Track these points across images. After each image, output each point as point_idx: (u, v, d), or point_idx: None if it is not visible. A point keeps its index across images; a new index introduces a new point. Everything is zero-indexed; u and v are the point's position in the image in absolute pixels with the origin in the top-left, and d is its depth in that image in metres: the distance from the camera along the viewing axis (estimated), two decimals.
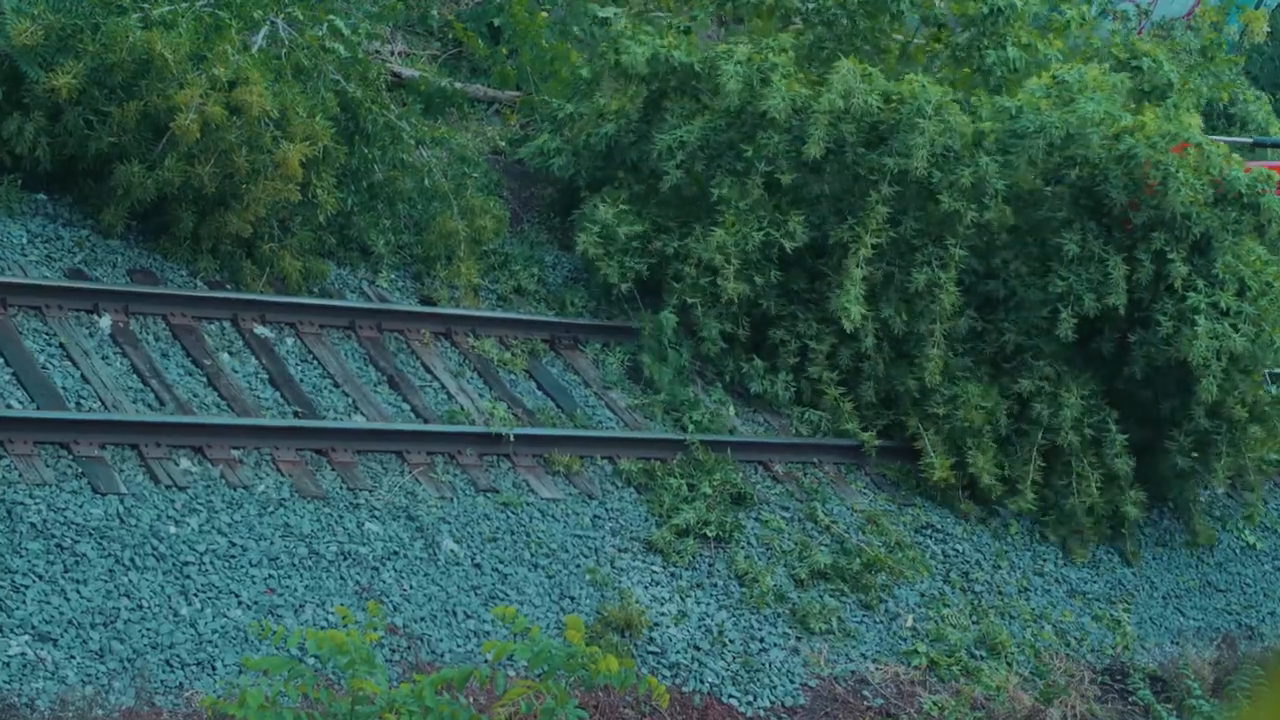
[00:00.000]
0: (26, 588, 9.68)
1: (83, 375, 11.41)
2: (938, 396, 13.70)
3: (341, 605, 9.02)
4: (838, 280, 13.67)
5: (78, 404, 11.15)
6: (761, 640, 11.70)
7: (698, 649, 11.40)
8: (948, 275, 13.63)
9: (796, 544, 12.60)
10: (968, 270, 13.95)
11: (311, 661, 9.18)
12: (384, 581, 10.80)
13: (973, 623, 12.67)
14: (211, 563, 10.34)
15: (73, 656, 9.41)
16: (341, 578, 10.67)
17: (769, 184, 13.89)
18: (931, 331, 13.64)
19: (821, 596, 12.25)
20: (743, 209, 13.77)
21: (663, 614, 11.52)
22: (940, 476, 13.51)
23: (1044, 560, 13.65)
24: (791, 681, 11.51)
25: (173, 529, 10.44)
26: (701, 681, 11.19)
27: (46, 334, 11.63)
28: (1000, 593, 13.12)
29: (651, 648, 11.22)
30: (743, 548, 12.39)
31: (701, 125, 14.16)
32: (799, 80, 13.88)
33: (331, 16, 13.90)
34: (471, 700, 9.68)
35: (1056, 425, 13.58)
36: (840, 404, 13.83)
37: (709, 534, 12.32)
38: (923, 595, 12.72)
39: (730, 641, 11.56)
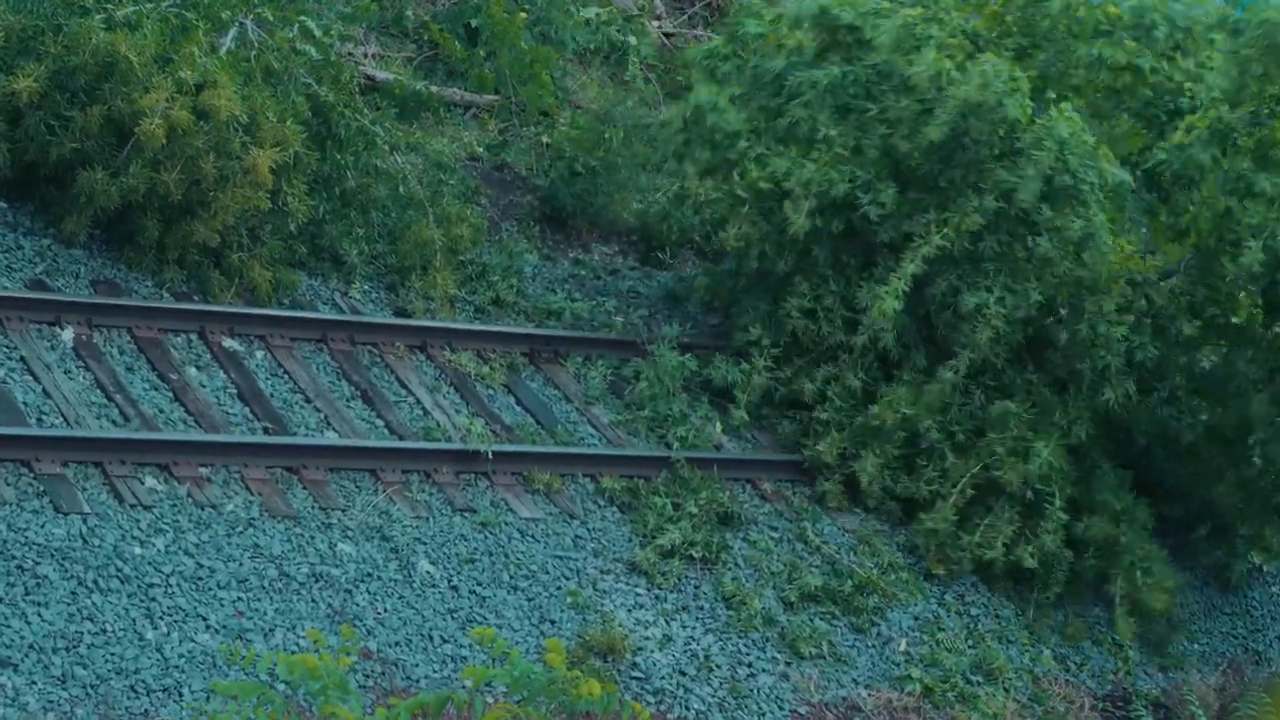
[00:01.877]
0: None
1: (44, 390, 11.45)
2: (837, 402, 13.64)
3: (313, 629, 9.07)
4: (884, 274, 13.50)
5: (39, 420, 11.19)
6: (749, 665, 11.75)
7: (683, 674, 11.44)
8: (997, 309, 13.35)
9: (786, 565, 12.65)
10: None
11: (282, 687, 9.22)
12: (357, 604, 10.84)
13: (969, 647, 12.71)
14: (178, 585, 10.38)
15: (34, 682, 9.44)
16: (313, 600, 10.72)
17: (885, 150, 13.79)
18: (955, 356, 13.44)
19: (812, 620, 12.30)
20: (841, 152, 13.72)
21: (647, 638, 11.56)
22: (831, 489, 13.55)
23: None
24: (781, 708, 11.56)
25: (138, 550, 10.48)
26: (687, 708, 11.24)
27: (6, 347, 11.67)
28: (997, 615, 13.17)
29: (635, 673, 11.27)
30: (730, 569, 12.43)
31: (842, 72, 13.98)
32: (953, 60, 13.60)
33: (302, 17, 13.96)
34: None
35: (1004, 465, 13.27)
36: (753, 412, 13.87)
37: (695, 555, 12.37)
38: (917, 618, 12.76)
39: (717, 666, 11.61)
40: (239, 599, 10.48)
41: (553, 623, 11.35)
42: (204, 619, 10.24)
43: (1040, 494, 13.29)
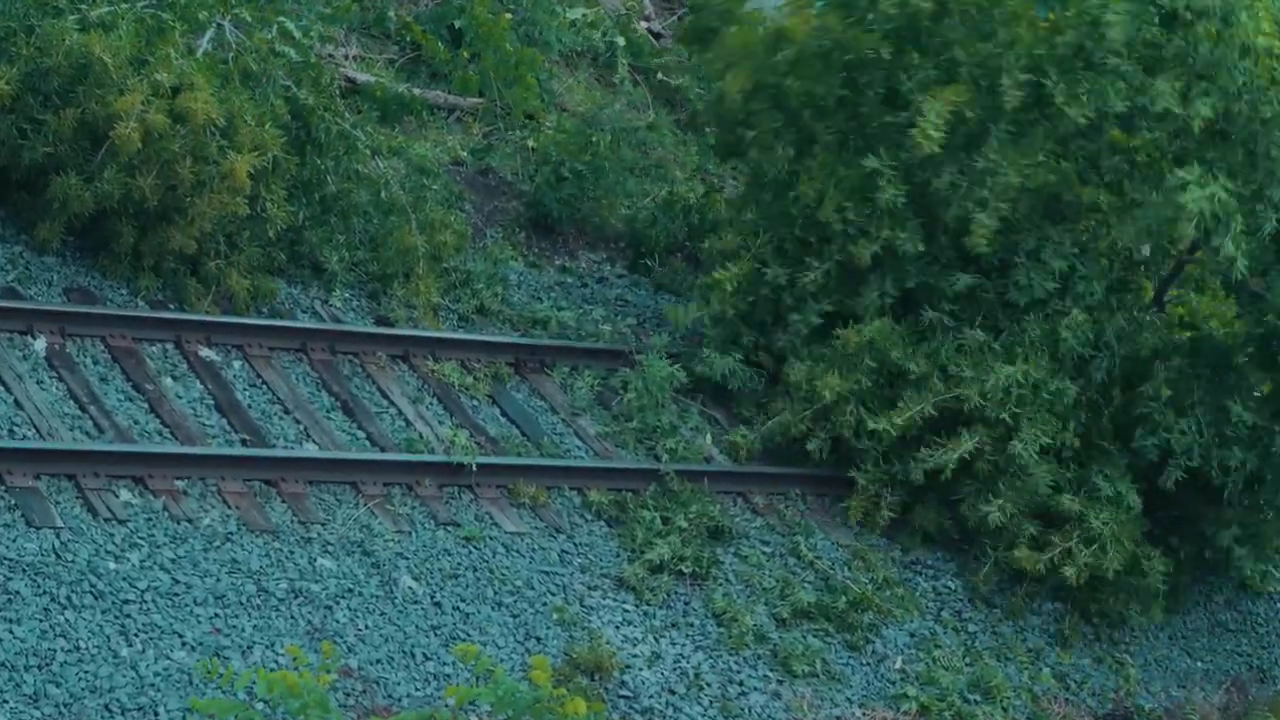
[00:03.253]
0: None
1: (16, 401, 11.47)
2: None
3: (293, 646, 9.10)
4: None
5: (10, 432, 11.21)
6: (741, 684, 11.78)
7: (672, 693, 11.47)
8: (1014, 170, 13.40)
9: (778, 581, 12.68)
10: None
11: (261, 706, 9.26)
12: (338, 621, 10.87)
13: (966, 665, 12.75)
14: (153, 601, 10.40)
15: (5, 701, 9.46)
16: (292, 617, 10.74)
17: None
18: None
19: (805, 637, 12.34)
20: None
21: (635, 655, 11.59)
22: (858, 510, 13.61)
23: (1041, 599, 13.71)
24: None
25: (112, 565, 10.50)
26: None
27: None
28: (995, 632, 13.21)
29: (623, 691, 11.30)
30: (721, 585, 12.47)
31: None
32: None
33: (281, 18, 13.99)
34: None
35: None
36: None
37: (684, 570, 12.40)
38: (912, 635, 12.80)
39: (707, 685, 11.64)
40: (216, 615, 10.50)
41: (538, 640, 11.39)
42: (180, 636, 10.27)
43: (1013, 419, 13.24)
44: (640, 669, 11.51)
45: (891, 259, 13.77)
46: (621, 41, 18.45)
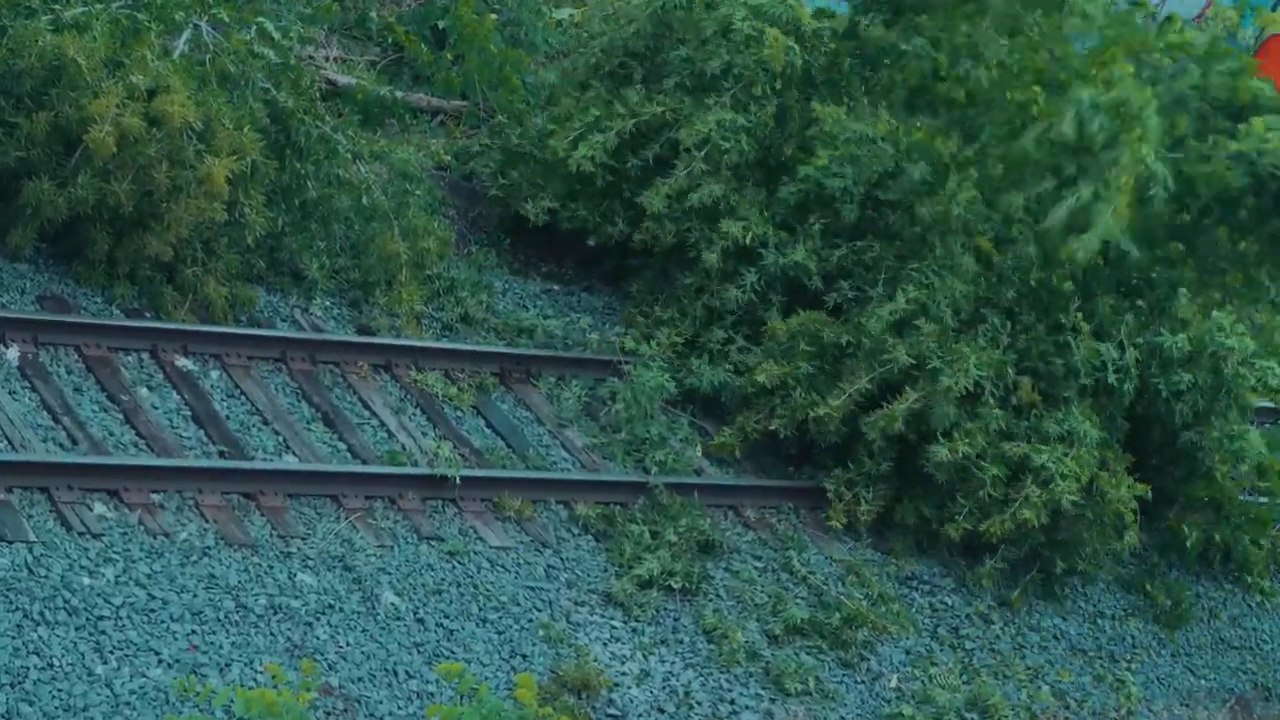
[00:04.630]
0: None
1: None
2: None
3: (272, 663, 9.12)
4: None
5: None
6: (732, 702, 11.80)
7: (662, 711, 11.49)
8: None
9: (770, 596, 12.71)
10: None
11: None
12: (318, 638, 10.88)
13: (963, 683, 12.77)
14: (129, 617, 10.41)
15: None
16: (272, 633, 10.76)
17: None
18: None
19: (798, 654, 12.36)
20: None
21: (623, 673, 11.61)
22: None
23: (1040, 614, 13.77)
24: None
25: (86, 580, 10.51)
26: None
27: None
28: (993, 650, 13.24)
29: (611, 710, 11.32)
30: (711, 600, 12.49)
31: None
32: None
33: (260, 19, 14.01)
34: None
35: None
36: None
37: (674, 585, 12.42)
38: (908, 653, 12.83)
39: (698, 703, 11.66)
40: (193, 632, 10.52)
41: (524, 657, 11.41)
42: (156, 653, 10.28)
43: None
44: (629, 687, 11.53)
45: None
46: None
